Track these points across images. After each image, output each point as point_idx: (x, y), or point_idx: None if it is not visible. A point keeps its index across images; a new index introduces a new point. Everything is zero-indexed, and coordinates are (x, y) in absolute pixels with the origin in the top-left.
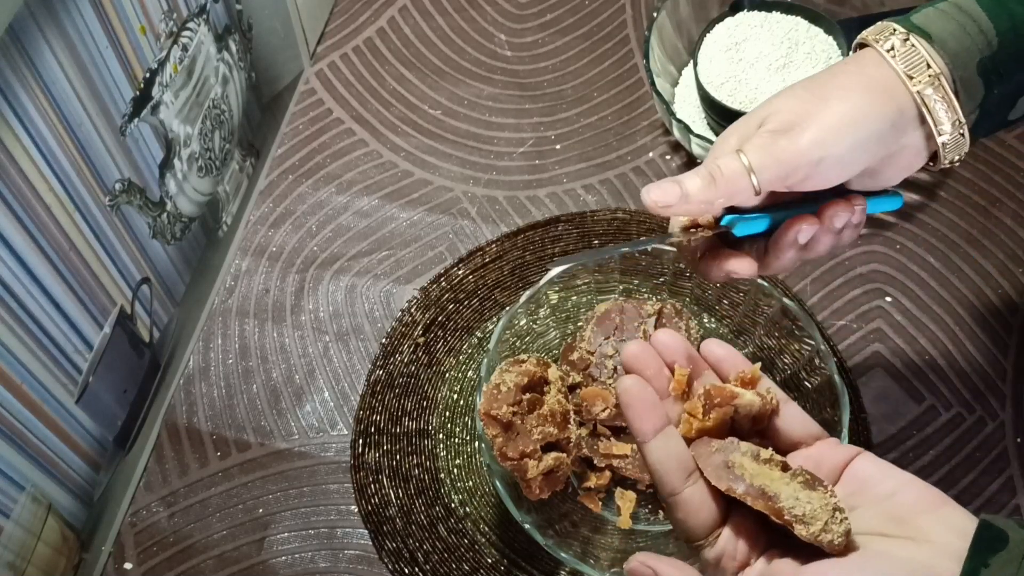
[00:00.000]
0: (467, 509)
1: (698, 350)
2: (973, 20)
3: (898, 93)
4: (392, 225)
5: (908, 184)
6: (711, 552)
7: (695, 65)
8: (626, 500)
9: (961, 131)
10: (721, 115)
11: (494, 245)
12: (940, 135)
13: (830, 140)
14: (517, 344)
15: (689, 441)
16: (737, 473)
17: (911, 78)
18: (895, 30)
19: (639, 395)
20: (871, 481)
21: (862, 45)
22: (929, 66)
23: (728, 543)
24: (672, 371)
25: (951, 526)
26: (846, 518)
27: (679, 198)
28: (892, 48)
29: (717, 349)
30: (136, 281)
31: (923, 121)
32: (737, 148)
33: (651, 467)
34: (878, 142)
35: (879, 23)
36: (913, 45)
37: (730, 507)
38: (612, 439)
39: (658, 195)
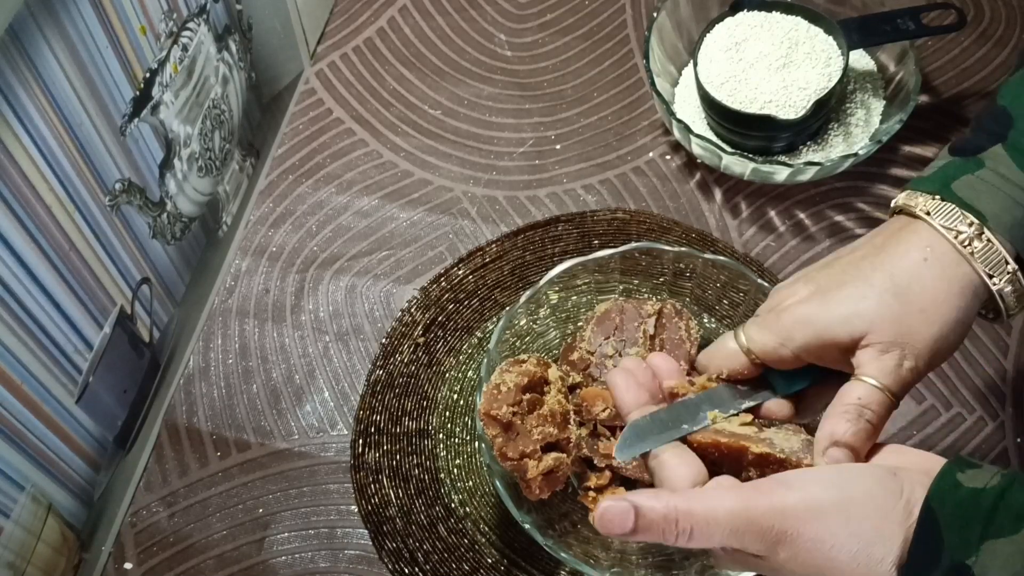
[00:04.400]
0: (467, 509)
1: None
2: (1019, 187)
3: (981, 289)
4: (392, 225)
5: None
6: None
7: (695, 65)
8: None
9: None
10: (721, 115)
11: (494, 245)
12: (1011, 316)
13: (948, 352)
14: (517, 344)
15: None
16: (719, 428)
17: (991, 276)
18: (964, 217)
19: (624, 378)
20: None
21: (905, 211)
22: (1007, 262)
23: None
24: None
25: (925, 458)
26: None
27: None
28: (968, 243)
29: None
30: (136, 281)
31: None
32: (865, 378)
33: (652, 469)
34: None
35: (930, 198)
36: (990, 240)
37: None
38: (612, 439)
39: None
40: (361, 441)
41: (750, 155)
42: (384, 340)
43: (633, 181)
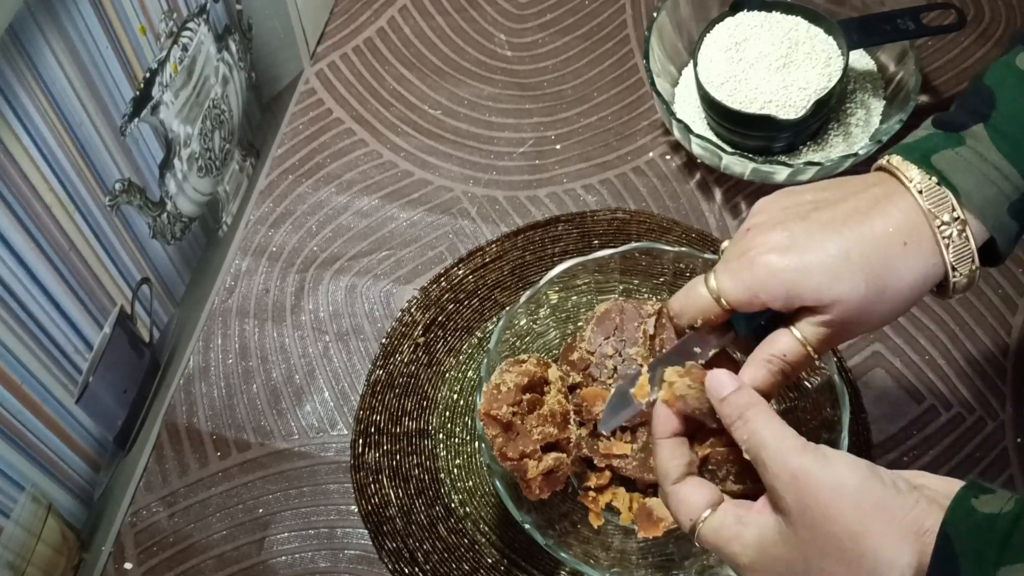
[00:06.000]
0: (467, 509)
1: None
2: (996, 168)
3: (940, 277)
4: (392, 225)
5: None
6: (710, 521)
7: (695, 65)
8: (625, 500)
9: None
10: (721, 115)
11: (494, 245)
12: (954, 294)
13: (880, 327)
14: (517, 344)
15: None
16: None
17: (954, 269)
18: (953, 208)
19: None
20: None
21: (888, 170)
22: (973, 260)
23: (724, 511)
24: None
25: (939, 478)
26: None
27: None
28: (949, 237)
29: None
30: (136, 281)
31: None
32: (797, 334)
33: (657, 461)
34: None
35: (919, 172)
36: (967, 238)
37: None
38: (612, 439)
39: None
40: (361, 441)
41: (750, 155)
42: (384, 340)
43: (633, 181)
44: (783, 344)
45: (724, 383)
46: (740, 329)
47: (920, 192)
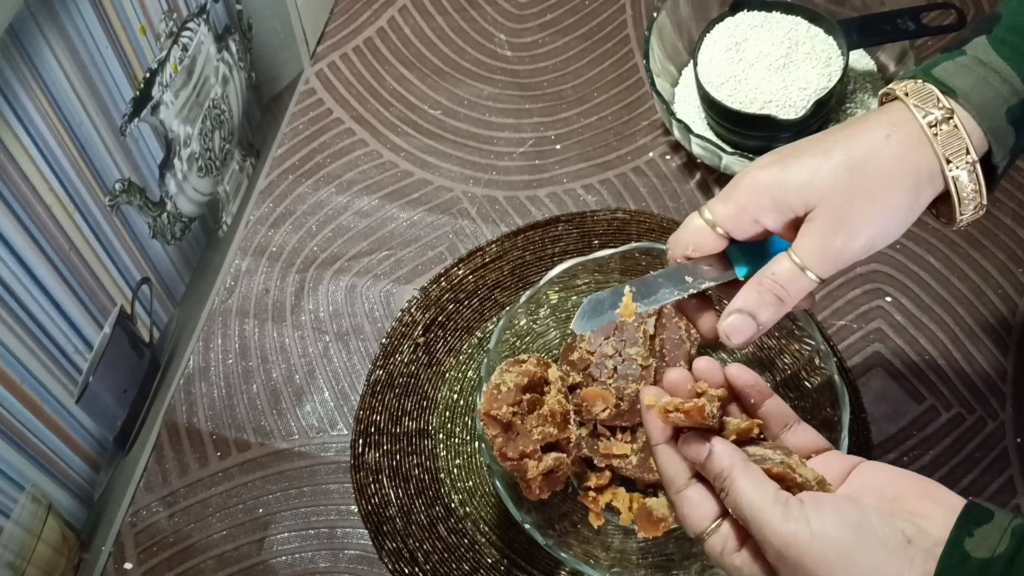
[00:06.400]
0: (467, 509)
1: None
2: (995, 71)
3: (936, 177)
4: (392, 225)
5: None
6: (715, 538)
7: (695, 65)
8: (625, 500)
9: (980, 209)
10: (721, 115)
11: (494, 245)
12: (962, 216)
13: (881, 238)
14: (517, 344)
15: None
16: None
17: (949, 162)
18: (939, 101)
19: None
20: (869, 479)
21: (890, 94)
22: (968, 152)
23: (728, 532)
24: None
25: (941, 503)
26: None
27: (757, 330)
28: (935, 124)
29: (742, 375)
30: (136, 281)
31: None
32: (793, 256)
33: (659, 467)
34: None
35: (912, 81)
36: (956, 127)
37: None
38: (612, 439)
39: (740, 338)
40: (361, 441)
41: (750, 155)
42: (384, 340)
43: (633, 181)
44: (779, 266)
45: (698, 450)
46: (740, 271)
47: (907, 94)
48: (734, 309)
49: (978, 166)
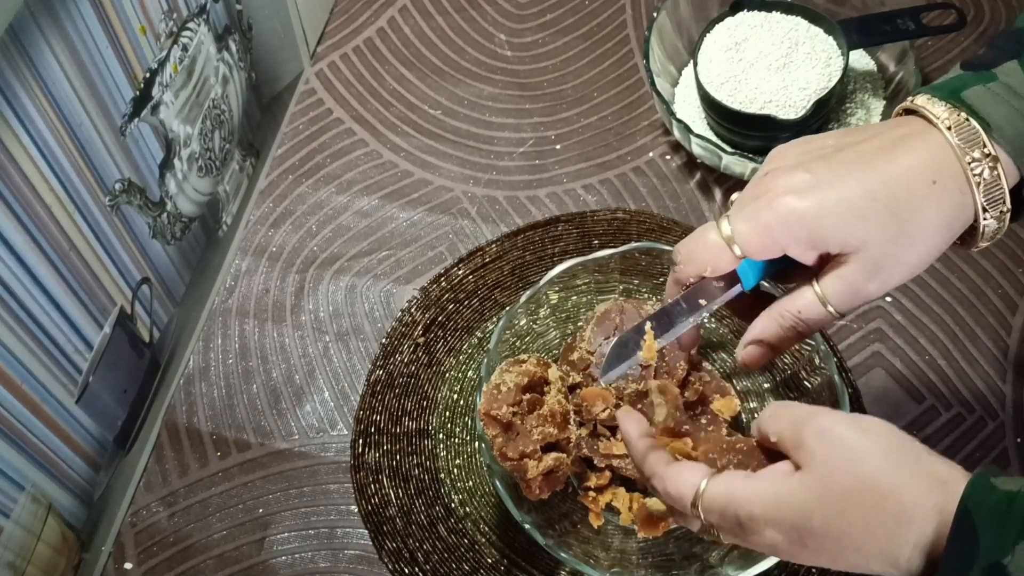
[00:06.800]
0: (467, 509)
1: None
2: None
3: (969, 220)
4: (392, 225)
5: None
6: (713, 487)
7: (695, 65)
8: (625, 500)
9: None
10: (721, 115)
11: (494, 245)
12: (979, 247)
13: (909, 278)
14: (517, 344)
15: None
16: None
17: (985, 211)
18: (984, 145)
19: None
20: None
21: (914, 111)
22: (1005, 202)
23: (723, 476)
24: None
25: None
26: None
27: (773, 357)
28: (979, 173)
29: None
30: (136, 281)
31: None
32: (818, 289)
33: (633, 458)
34: None
35: (948, 108)
36: (998, 176)
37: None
38: (612, 439)
39: (756, 366)
40: (361, 441)
41: (750, 155)
42: (384, 340)
43: (633, 181)
44: (801, 301)
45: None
46: (748, 283)
47: (949, 128)
48: (753, 340)
49: (1007, 213)
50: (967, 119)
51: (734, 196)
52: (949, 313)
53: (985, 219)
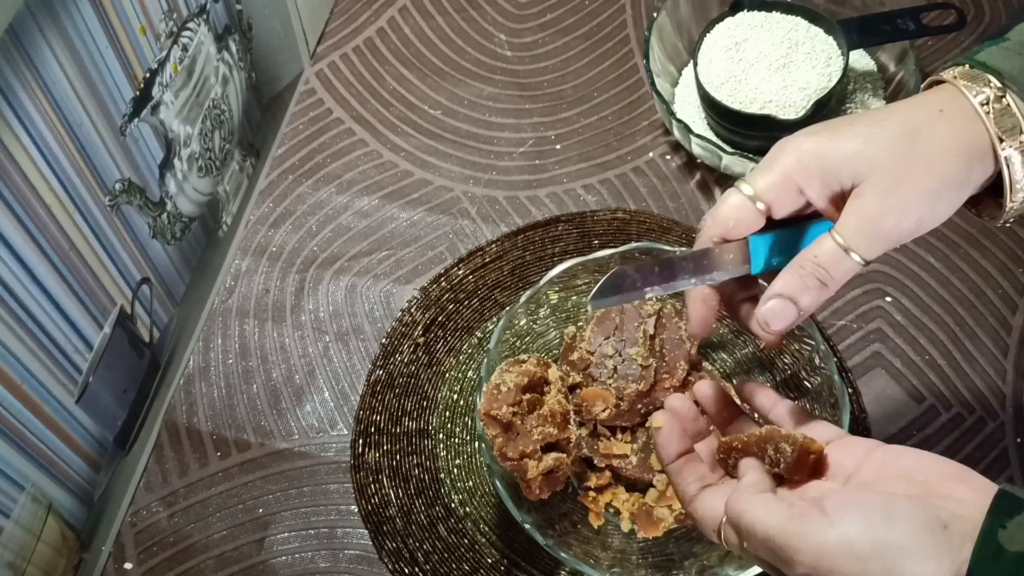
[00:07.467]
0: (467, 509)
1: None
2: None
3: (988, 156)
4: (392, 225)
5: None
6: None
7: (695, 65)
8: (625, 500)
9: None
10: (721, 115)
11: (494, 245)
12: (1012, 204)
13: (931, 216)
14: (517, 344)
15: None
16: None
17: (1001, 140)
18: (990, 81)
19: (668, 423)
20: (893, 463)
21: (938, 80)
22: (1021, 131)
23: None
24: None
25: (972, 486)
26: None
27: (798, 316)
28: (987, 103)
29: (761, 399)
30: (136, 281)
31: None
32: (836, 235)
33: (672, 484)
34: (959, 204)
35: (958, 67)
36: (1008, 105)
37: None
38: (612, 439)
39: (780, 324)
40: (361, 441)
41: (750, 155)
42: (384, 340)
43: (633, 181)
44: (820, 248)
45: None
46: (757, 265)
47: (955, 77)
48: (774, 294)
49: None
50: (969, 68)
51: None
52: (949, 313)
53: (1003, 149)
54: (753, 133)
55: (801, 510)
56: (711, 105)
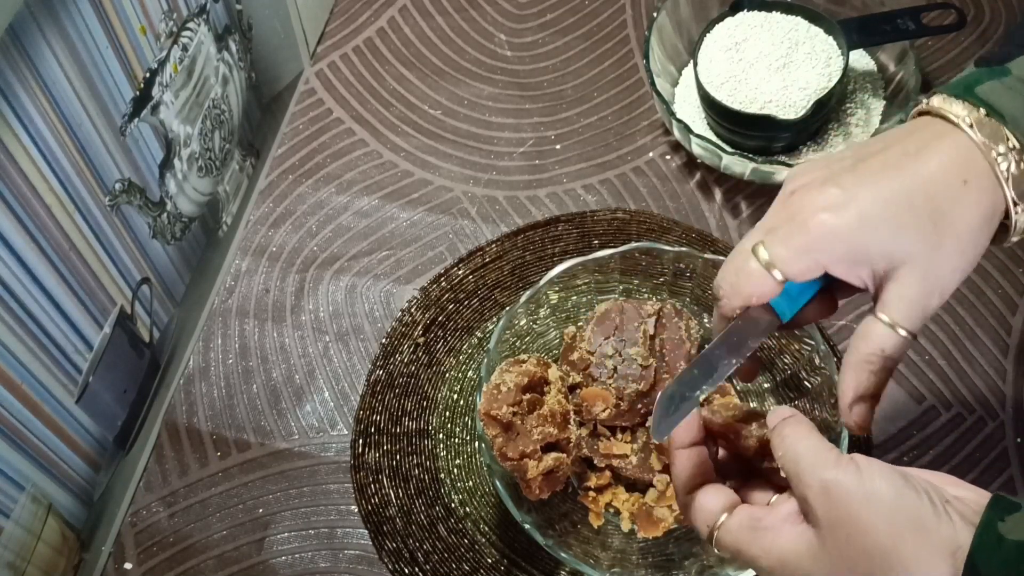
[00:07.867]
0: (467, 509)
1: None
2: None
3: (1001, 216)
4: (392, 225)
5: None
6: (730, 522)
7: (695, 65)
8: (625, 500)
9: None
10: (721, 115)
11: (494, 245)
12: (1011, 241)
13: (960, 281)
14: (517, 344)
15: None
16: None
17: (1016, 204)
18: (1007, 138)
19: (687, 457)
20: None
21: (941, 115)
22: None
23: (740, 514)
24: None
25: (969, 488)
26: None
27: (873, 409)
28: (1007, 167)
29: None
30: (136, 281)
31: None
32: (884, 318)
33: (673, 474)
34: None
35: (965, 105)
36: (1021, 165)
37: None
38: (612, 439)
39: (870, 420)
40: (361, 441)
41: (750, 155)
42: (384, 340)
43: (633, 181)
44: (876, 338)
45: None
46: (785, 315)
47: (971, 126)
48: (857, 399)
49: None
50: (987, 115)
51: (758, 224)
52: (949, 313)
53: (1016, 212)
54: (753, 133)
55: (837, 453)
56: (711, 105)
